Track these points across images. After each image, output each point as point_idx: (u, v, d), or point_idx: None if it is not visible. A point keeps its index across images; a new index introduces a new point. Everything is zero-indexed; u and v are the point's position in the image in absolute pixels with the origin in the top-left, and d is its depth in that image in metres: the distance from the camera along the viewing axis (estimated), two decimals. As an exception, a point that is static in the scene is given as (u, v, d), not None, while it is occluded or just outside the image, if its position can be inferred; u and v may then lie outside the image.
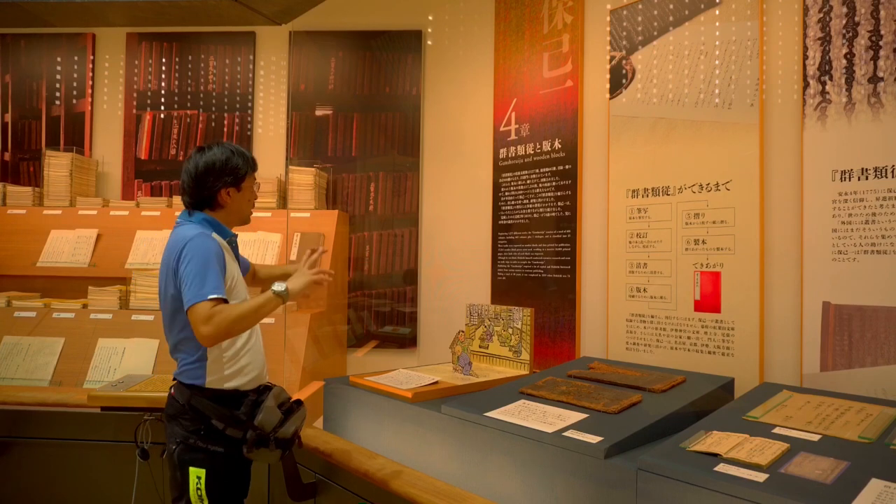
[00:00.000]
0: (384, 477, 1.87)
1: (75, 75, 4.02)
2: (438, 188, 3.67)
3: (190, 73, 3.96)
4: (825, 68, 2.11)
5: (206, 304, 1.76)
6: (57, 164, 3.70)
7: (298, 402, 2.02)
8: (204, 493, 1.86)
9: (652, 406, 1.88)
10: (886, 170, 1.97)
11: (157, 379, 2.65)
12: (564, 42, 2.99)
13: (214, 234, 1.93)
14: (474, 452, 1.86)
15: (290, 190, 3.61)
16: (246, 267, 2.22)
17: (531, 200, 3.12)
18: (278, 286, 1.88)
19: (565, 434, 1.66)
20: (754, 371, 2.26)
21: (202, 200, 1.96)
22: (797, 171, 2.18)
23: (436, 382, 2.31)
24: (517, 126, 3.21)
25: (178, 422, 1.91)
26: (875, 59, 2.01)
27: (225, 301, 1.81)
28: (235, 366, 1.93)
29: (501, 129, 3.29)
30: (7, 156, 4.05)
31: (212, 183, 1.93)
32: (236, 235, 2.07)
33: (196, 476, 1.86)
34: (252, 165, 2.03)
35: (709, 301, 2.40)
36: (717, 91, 2.40)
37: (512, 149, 3.23)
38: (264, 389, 1.98)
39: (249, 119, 3.93)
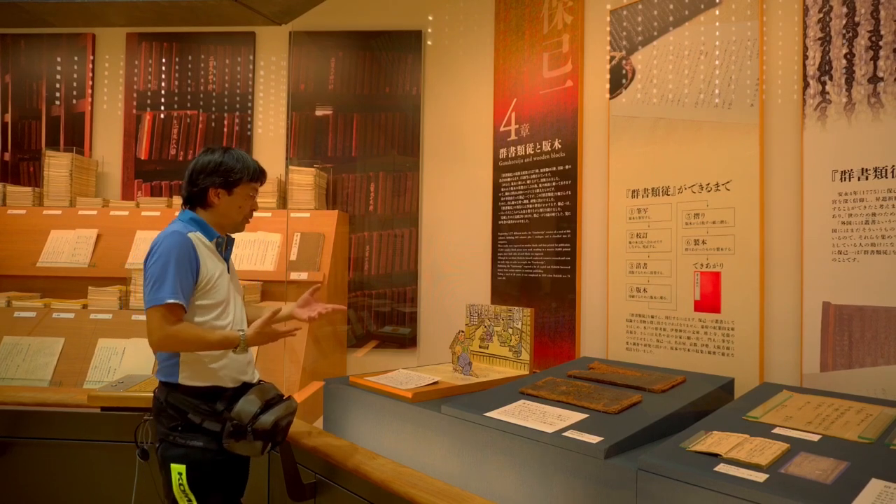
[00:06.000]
0: (384, 477, 1.87)
1: (75, 75, 4.02)
2: (438, 188, 3.67)
3: (190, 73, 3.96)
4: (825, 68, 2.11)
5: (160, 310, 1.78)
6: (57, 165, 3.71)
7: (281, 396, 1.98)
8: (187, 488, 1.85)
9: (652, 406, 1.88)
10: (886, 170, 1.97)
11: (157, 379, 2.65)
12: (564, 42, 2.99)
13: (194, 234, 1.90)
14: (474, 452, 1.86)
15: (289, 190, 3.62)
16: None
17: (531, 200, 3.12)
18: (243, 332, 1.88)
19: (565, 434, 1.66)
20: (754, 371, 2.26)
21: (192, 197, 1.97)
22: (797, 171, 2.18)
23: (436, 382, 2.31)
24: (517, 126, 3.21)
25: (160, 420, 1.92)
26: (875, 59, 2.01)
27: (182, 307, 1.81)
28: (211, 366, 1.90)
29: (501, 129, 3.29)
30: (7, 156, 4.05)
31: (202, 181, 1.94)
32: (230, 238, 2.05)
33: (177, 472, 1.86)
34: (251, 175, 1.98)
35: (709, 301, 2.40)
36: (717, 91, 2.40)
37: (512, 149, 3.23)
38: (248, 387, 1.95)
39: (249, 119, 3.93)
